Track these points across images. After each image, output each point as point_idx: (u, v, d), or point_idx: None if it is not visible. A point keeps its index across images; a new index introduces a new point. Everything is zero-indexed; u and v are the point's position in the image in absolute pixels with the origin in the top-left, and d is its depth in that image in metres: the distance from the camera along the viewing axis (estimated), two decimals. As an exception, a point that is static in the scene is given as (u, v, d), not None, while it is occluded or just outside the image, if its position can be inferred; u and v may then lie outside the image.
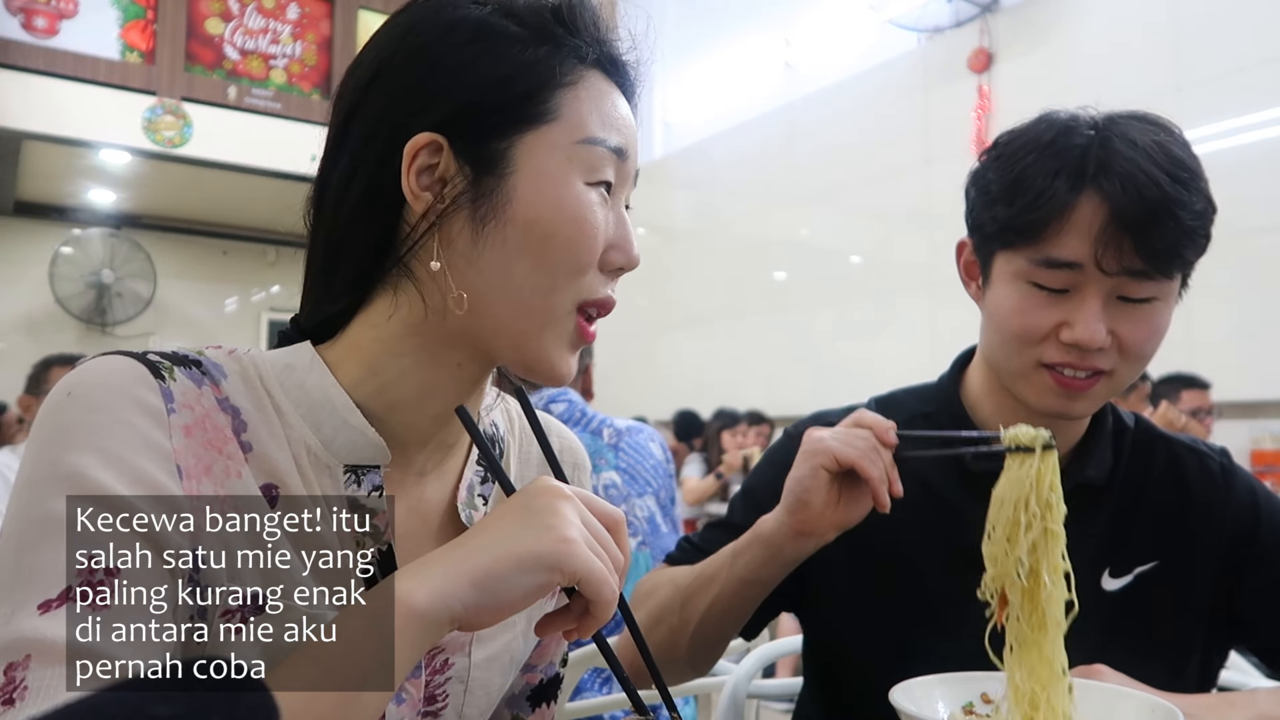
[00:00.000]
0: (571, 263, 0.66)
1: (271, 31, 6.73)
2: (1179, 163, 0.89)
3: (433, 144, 0.64)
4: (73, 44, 6.07)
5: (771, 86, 6.86)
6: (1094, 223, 0.88)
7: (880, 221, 5.85)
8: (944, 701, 0.83)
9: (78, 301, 7.86)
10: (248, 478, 0.63)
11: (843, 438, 0.87)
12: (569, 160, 0.66)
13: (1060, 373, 0.92)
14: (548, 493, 0.59)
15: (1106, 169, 0.88)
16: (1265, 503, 1.02)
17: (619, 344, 7.73)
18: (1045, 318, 0.91)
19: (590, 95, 0.68)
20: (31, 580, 0.54)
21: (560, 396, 2.20)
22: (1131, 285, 0.90)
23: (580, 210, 0.65)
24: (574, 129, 0.66)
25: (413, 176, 0.65)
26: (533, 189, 0.64)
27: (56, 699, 0.51)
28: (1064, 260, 0.89)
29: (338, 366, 0.68)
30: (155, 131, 6.18)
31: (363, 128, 0.67)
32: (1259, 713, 0.87)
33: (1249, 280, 3.92)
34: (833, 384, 5.71)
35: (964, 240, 1.03)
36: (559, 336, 0.67)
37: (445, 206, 0.65)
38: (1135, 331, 0.91)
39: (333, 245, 0.68)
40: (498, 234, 0.64)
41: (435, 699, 0.72)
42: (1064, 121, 0.94)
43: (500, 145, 0.65)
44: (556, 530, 0.57)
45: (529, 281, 0.65)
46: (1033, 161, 0.92)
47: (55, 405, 0.59)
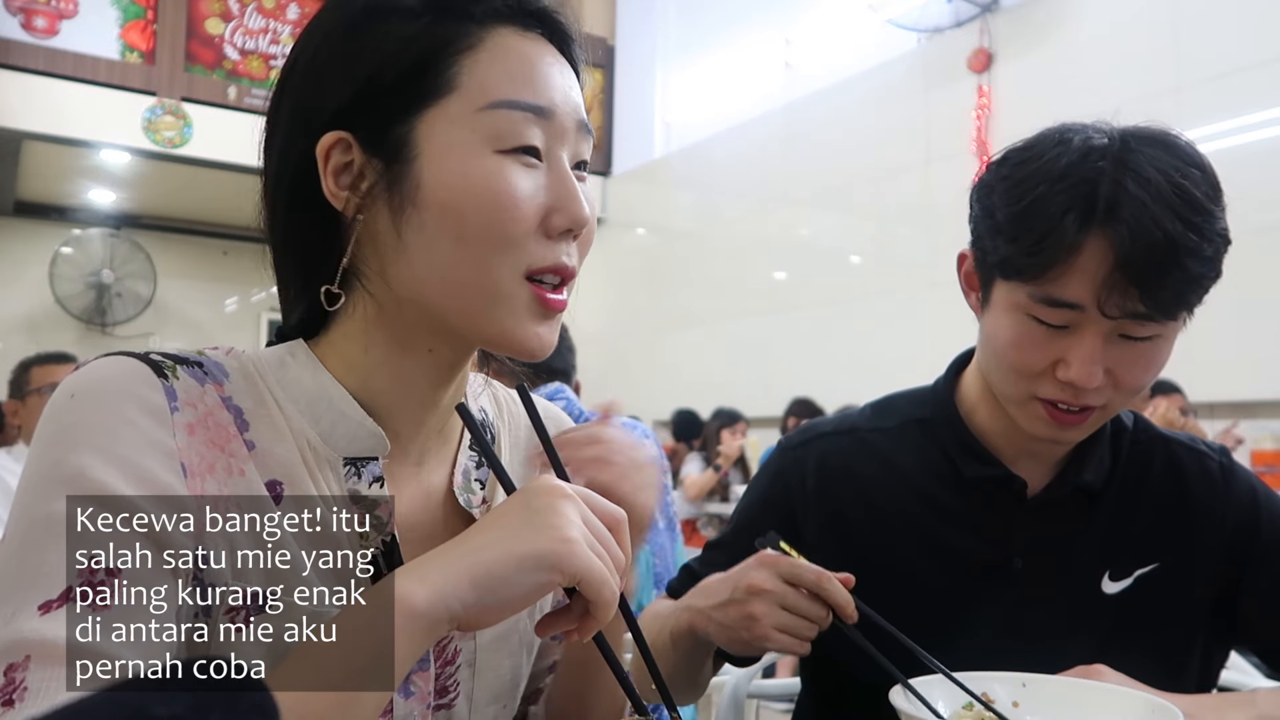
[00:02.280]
0: (494, 236, 0.62)
1: (271, 31, 6.73)
2: (1193, 204, 0.84)
3: (341, 141, 0.63)
4: (73, 44, 6.07)
5: (771, 86, 6.86)
6: (1099, 268, 0.84)
7: (880, 221, 5.85)
8: (944, 701, 0.83)
9: (78, 301, 7.86)
10: (251, 475, 0.63)
11: (774, 617, 0.85)
12: (473, 131, 0.62)
13: (1054, 407, 0.91)
14: (549, 492, 0.59)
15: (1116, 211, 0.84)
16: (1265, 502, 1.02)
17: (619, 344, 7.74)
18: (1042, 354, 0.89)
19: (495, 56, 0.63)
20: (32, 581, 0.54)
21: (558, 395, 2.20)
22: (1133, 326, 0.87)
23: (490, 181, 0.61)
24: (476, 96, 0.62)
25: (330, 178, 0.63)
26: (438, 168, 0.62)
27: (55, 700, 0.51)
28: (1065, 301, 0.86)
29: (325, 362, 0.68)
30: (155, 131, 6.19)
31: (281, 136, 0.66)
32: (1259, 713, 0.87)
33: (1249, 280, 3.91)
34: (832, 384, 5.71)
35: (965, 252, 1.00)
36: (512, 310, 0.64)
37: (362, 202, 0.63)
38: (1132, 369, 0.89)
39: (280, 251, 0.69)
40: (415, 220, 0.62)
41: (446, 690, 0.72)
42: (1077, 147, 0.88)
43: (401, 129, 0.62)
44: (557, 530, 0.56)
45: (456, 261, 0.62)
46: (1042, 194, 0.87)
47: (59, 406, 0.59)
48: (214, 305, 8.75)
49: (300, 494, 0.65)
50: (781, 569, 0.86)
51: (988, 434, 1.02)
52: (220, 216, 8.24)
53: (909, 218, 5.52)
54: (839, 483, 1.04)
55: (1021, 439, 0.99)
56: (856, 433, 1.09)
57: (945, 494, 1.02)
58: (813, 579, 0.85)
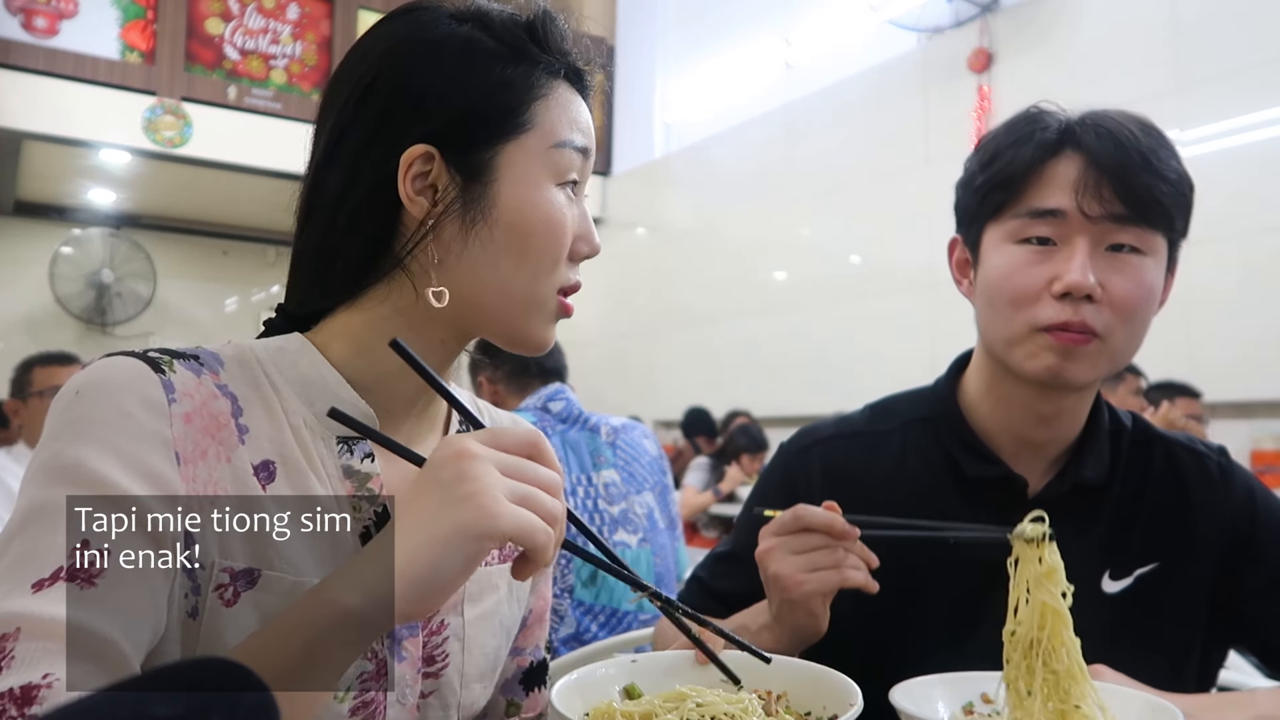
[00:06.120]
0: (549, 258, 0.73)
1: (271, 31, 6.73)
2: (1149, 128, 0.95)
3: (425, 154, 0.71)
4: (73, 44, 6.07)
5: (771, 86, 6.86)
6: (1073, 171, 0.92)
7: (880, 221, 5.85)
8: (944, 701, 0.83)
9: (78, 301, 7.86)
10: (239, 461, 0.68)
11: (792, 565, 0.87)
12: (543, 165, 0.73)
13: (1058, 332, 0.92)
14: (454, 458, 0.58)
15: (1084, 131, 0.94)
16: (1263, 501, 1.02)
17: (619, 344, 7.74)
18: (1036, 274, 0.93)
19: (559, 104, 0.75)
20: (28, 561, 0.58)
21: (558, 395, 2.20)
22: (1116, 231, 0.92)
23: (553, 211, 0.73)
24: (547, 136, 0.73)
25: (408, 183, 0.71)
26: (513, 194, 0.72)
27: (38, 669, 0.54)
28: (1047, 208, 0.92)
29: (325, 348, 0.75)
30: (155, 131, 6.19)
31: (359, 141, 0.72)
32: (1259, 713, 0.87)
33: (1249, 280, 3.92)
34: (832, 384, 5.72)
35: (955, 238, 1.04)
36: (545, 317, 0.75)
37: (440, 211, 0.71)
38: (1123, 284, 0.92)
39: (330, 249, 0.74)
40: (485, 234, 0.71)
41: (435, 659, 0.76)
42: (1037, 109, 0.99)
43: (485, 155, 0.72)
44: (473, 499, 0.56)
45: (514, 275, 0.72)
46: (1012, 140, 0.96)
47: (64, 403, 0.64)
48: (214, 305, 8.75)
49: (295, 470, 0.70)
50: (770, 527, 0.90)
51: (989, 432, 1.02)
52: (220, 216, 8.24)
53: (909, 218, 5.52)
54: (842, 486, 1.04)
55: (1022, 433, 0.99)
56: (857, 436, 1.09)
57: (946, 493, 1.02)
58: (788, 516, 0.89)
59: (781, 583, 0.87)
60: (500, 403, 2.26)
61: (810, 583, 0.86)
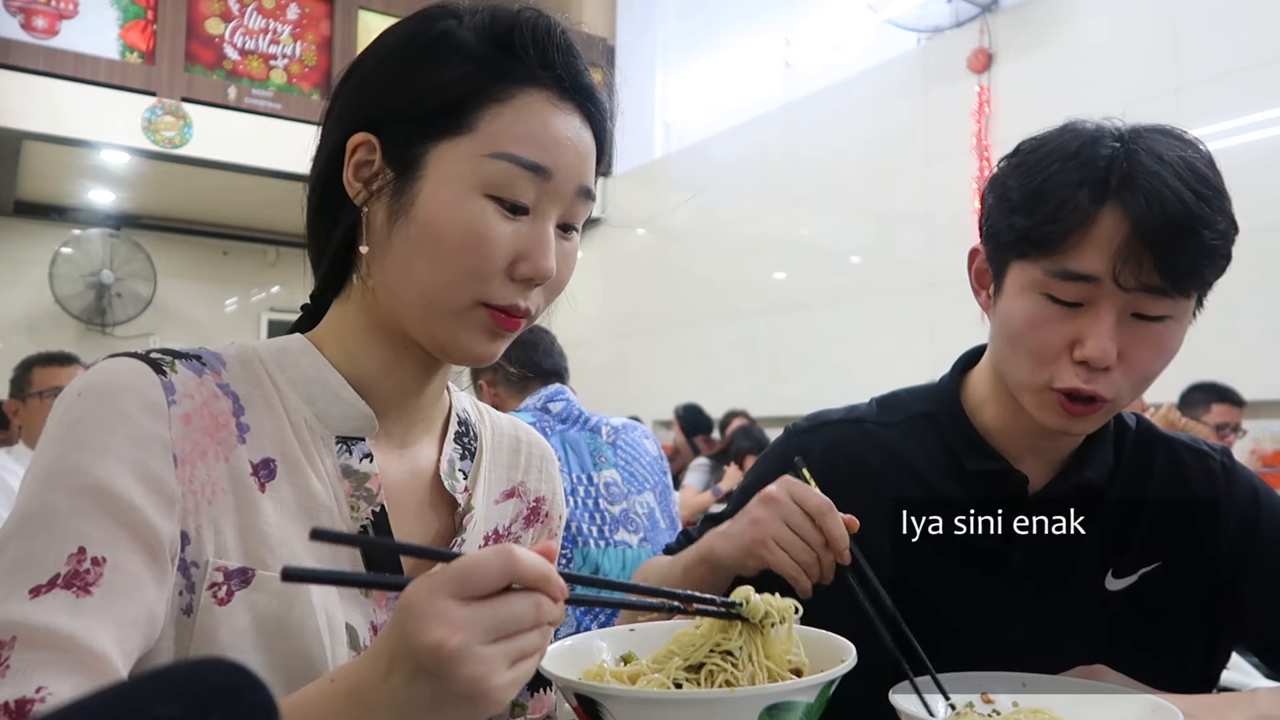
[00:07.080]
0: (465, 268, 0.68)
1: (271, 32, 6.73)
2: (1204, 180, 0.87)
3: (368, 143, 0.72)
4: (73, 44, 6.07)
5: (771, 86, 6.86)
6: (1115, 236, 0.85)
7: (880, 221, 5.85)
8: (943, 701, 0.83)
9: (78, 301, 7.85)
10: (237, 460, 0.68)
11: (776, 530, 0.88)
12: (473, 172, 0.68)
13: (1068, 398, 0.91)
14: (433, 650, 0.50)
15: (1131, 182, 0.85)
16: (1266, 502, 1.02)
17: (619, 344, 7.74)
18: (1058, 333, 0.90)
19: (519, 114, 0.70)
20: (25, 566, 0.58)
21: (558, 395, 2.20)
22: (1147, 302, 0.88)
23: (469, 221, 0.68)
24: (486, 142, 0.69)
25: (351, 169, 0.72)
26: (433, 194, 0.69)
27: (32, 682, 0.54)
28: (1081, 273, 0.87)
29: (321, 347, 0.76)
30: (155, 131, 6.19)
31: (326, 129, 0.75)
32: (1259, 713, 0.87)
33: (1250, 280, 3.91)
34: (832, 384, 5.71)
35: (976, 248, 1.01)
36: (466, 325, 0.71)
37: (369, 198, 0.71)
38: (1144, 352, 0.90)
39: (310, 239, 0.77)
40: (404, 229, 0.69)
41: None
42: (1089, 132, 0.91)
43: (418, 150, 0.70)
44: (469, 699, 0.52)
45: (427, 278, 0.69)
46: (1056, 171, 0.89)
47: (66, 405, 0.64)
48: (214, 305, 8.74)
49: (295, 468, 0.71)
50: (794, 489, 0.89)
51: (992, 431, 1.02)
52: (220, 216, 8.24)
53: (909, 218, 5.51)
54: (844, 470, 1.04)
55: (1026, 435, 0.99)
56: (862, 424, 1.10)
57: (948, 488, 1.02)
58: (817, 504, 0.88)
59: (756, 528, 0.89)
60: (500, 405, 2.26)
61: (774, 555, 0.87)
